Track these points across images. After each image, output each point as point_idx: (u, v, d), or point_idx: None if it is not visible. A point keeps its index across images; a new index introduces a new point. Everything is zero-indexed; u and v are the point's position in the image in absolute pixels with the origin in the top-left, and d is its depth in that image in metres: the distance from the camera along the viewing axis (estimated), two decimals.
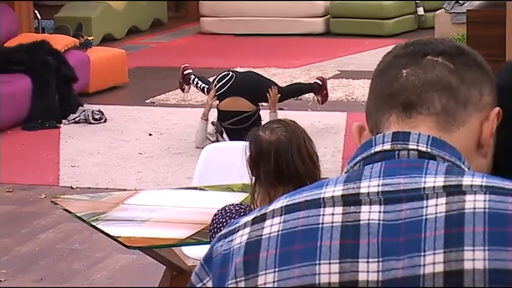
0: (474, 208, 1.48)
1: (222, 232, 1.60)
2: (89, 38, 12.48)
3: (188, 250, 4.88)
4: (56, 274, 6.36)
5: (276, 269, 1.51)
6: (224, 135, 9.03)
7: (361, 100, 10.88)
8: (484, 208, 1.48)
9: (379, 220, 1.49)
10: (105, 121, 10.41)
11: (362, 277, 1.47)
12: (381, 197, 1.51)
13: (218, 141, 8.87)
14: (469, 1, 8.58)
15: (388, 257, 1.47)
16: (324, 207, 1.53)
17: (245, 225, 1.58)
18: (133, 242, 4.33)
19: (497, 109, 1.65)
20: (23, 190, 8.12)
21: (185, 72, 9.67)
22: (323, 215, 1.52)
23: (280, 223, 1.54)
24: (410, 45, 1.67)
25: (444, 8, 14.88)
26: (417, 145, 1.57)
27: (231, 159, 5.42)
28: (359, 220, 1.50)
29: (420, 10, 16.01)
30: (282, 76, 12.20)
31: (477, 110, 1.62)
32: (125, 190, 6.98)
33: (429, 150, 1.57)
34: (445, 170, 1.53)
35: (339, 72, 12.62)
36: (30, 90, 10.41)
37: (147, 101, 11.37)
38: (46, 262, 6.56)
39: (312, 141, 3.72)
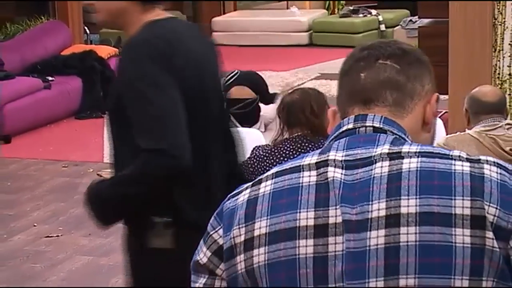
0: (409, 168, 1.52)
1: (231, 194, 1.66)
2: None
3: None
4: (101, 230, 6.36)
5: (268, 217, 1.56)
6: (232, 118, 9.04)
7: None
8: (416, 168, 1.52)
9: (341, 179, 1.55)
10: None
11: (331, 220, 1.52)
12: (343, 164, 1.57)
13: None
14: (420, 20, 8.55)
15: (345, 205, 1.52)
16: (303, 171, 1.58)
17: (246, 188, 1.64)
18: None
19: (436, 94, 1.69)
20: (76, 166, 8.13)
21: None
22: (303, 177, 1.57)
23: (271, 184, 1.60)
24: (365, 49, 1.70)
25: (400, 25, 14.88)
26: (373, 123, 1.62)
27: None
28: (327, 178, 1.55)
29: (382, 27, 16.00)
30: (276, 78, 12.21)
31: (421, 98, 1.66)
32: None
33: (381, 126, 1.61)
34: (391, 141, 1.58)
35: (320, 75, 12.62)
36: (81, 88, 10.41)
37: None
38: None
39: (324, 101, 4.17)
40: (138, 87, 2.68)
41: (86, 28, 13.07)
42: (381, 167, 1.53)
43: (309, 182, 1.56)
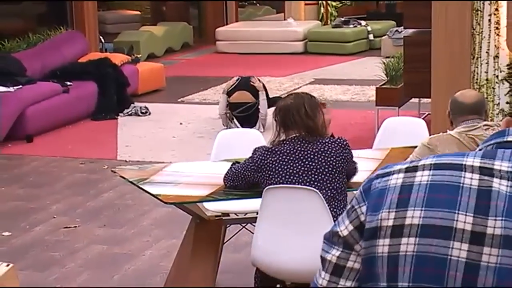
0: None
1: (379, 172, 1.54)
2: (138, 56, 12.47)
3: (207, 205, 4.87)
4: (115, 221, 6.37)
5: (423, 208, 1.44)
6: (234, 120, 9.08)
7: (329, 100, 10.88)
8: None
9: (506, 191, 1.42)
10: (149, 114, 10.40)
11: (489, 231, 1.40)
12: (509, 175, 1.44)
13: (229, 126, 8.91)
14: (405, 30, 8.54)
15: (509, 219, 1.40)
16: (465, 171, 1.46)
17: (399, 171, 1.51)
18: (169, 199, 4.32)
19: None
20: (92, 163, 8.12)
21: None
22: (464, 177, 1.45)
23: (429, 175, 1.47)
24: None
25: (387, 35, 14.88)
26: None
27: (237, 142, 5.40)
28: (491, 187, 1.43)
29: (371, 36, 16.01)
30: (273, 83, 12.21)
31: None
32: (163, 162, 6.97)
33: None
34: None
35: (314, 80, 12.61)
36: (96, 92, 10.41)
37: (178, 100, 11.36)
38: (108, 213, 6.57)
39: (316, 104, 4.18)
40: None
41: (101, 37, 13.09)
42: None
43: (471, 185, 1.43)
